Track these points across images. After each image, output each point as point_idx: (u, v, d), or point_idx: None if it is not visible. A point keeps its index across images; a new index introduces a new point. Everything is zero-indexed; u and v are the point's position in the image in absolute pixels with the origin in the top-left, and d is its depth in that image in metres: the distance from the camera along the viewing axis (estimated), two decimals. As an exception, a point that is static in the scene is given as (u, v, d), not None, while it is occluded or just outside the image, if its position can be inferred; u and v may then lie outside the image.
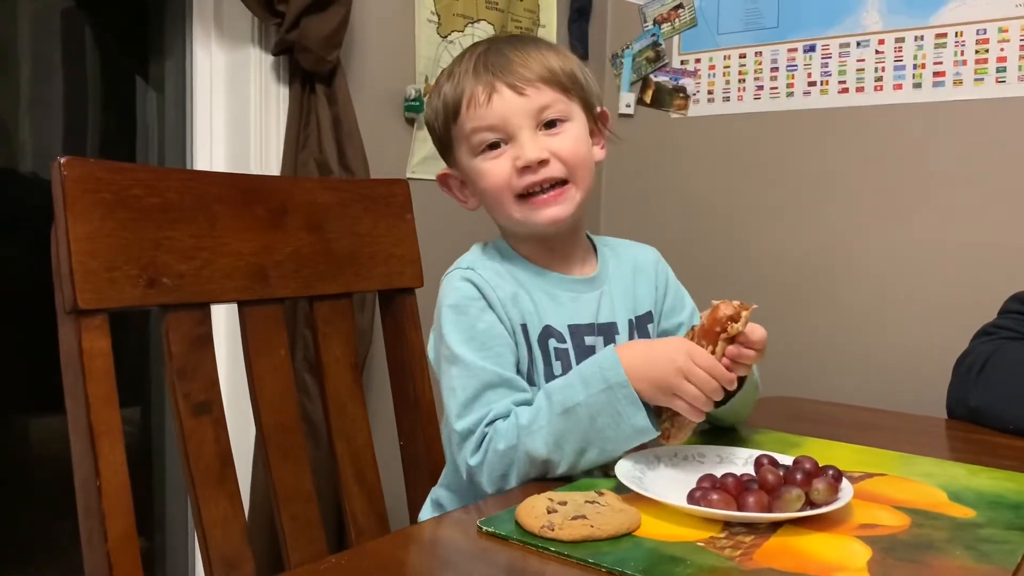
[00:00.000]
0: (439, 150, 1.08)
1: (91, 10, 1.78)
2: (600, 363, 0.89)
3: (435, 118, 1.04)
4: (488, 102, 0.97)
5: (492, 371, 0.93)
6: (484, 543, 0.73)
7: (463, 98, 0.99)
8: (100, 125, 1.79)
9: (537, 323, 0.99)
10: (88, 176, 0.87)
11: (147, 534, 1.81)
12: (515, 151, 0.97)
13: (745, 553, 0.69)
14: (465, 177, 1.04)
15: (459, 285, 0.98)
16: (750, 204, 2.15)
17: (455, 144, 1.03)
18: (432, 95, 1.05)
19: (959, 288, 1.86)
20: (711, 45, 2.21)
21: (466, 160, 1.02)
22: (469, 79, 0.98)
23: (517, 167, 0.97)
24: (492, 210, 1.03)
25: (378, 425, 1.22)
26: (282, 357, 1.04)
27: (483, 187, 1.00)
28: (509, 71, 0.97)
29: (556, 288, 1.02)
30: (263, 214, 1.03)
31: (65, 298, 0.85)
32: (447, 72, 1.03)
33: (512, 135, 0.97)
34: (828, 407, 1.34)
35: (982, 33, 1.82)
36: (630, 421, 0.87)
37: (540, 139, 0.97)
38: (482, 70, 0.98)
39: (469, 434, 0.92)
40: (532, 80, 0.97)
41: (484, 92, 0.97)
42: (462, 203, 1.07)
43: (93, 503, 0.84)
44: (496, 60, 0.98)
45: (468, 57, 1.01)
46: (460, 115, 0.99)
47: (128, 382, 1.80)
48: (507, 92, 0.97)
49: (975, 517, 0.78)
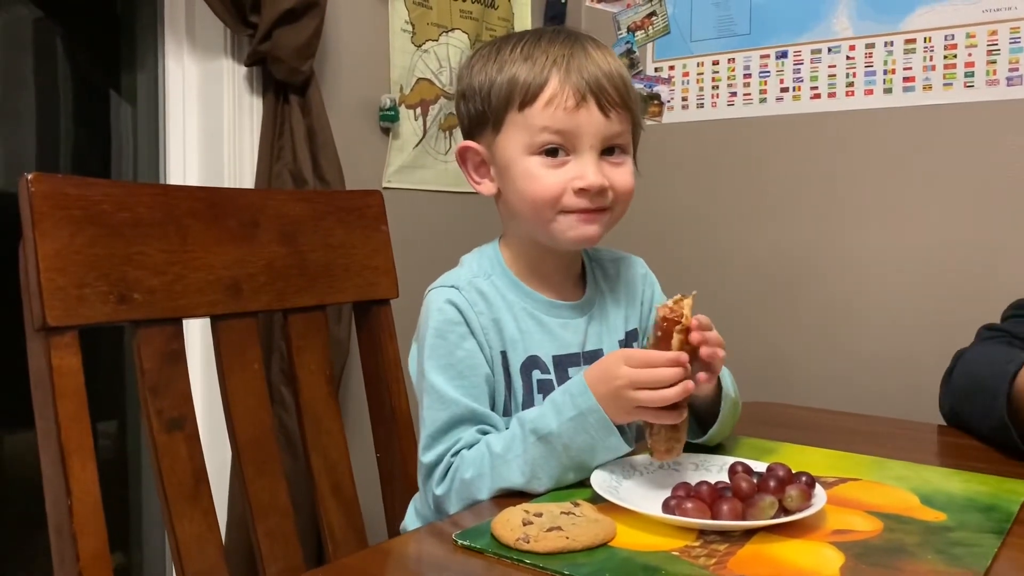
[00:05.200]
0: (468, 122, 1.01)
1: (62, 21, 1.77)
2: (570, 389, 0.88)
3: (486, 91, 0.96)
4: (575, 110, 0.92)
5: (464, 405, 0.92)
6: (460, 556, 0.73)
7: (544, 90, 0.93)
8: (72, 137, 1.77)
9: (521, 352, 0.97)
10: (56, 192, 0.86)
11: (123, 549, 1.79)
12: (577, 169, 0.93)
13: (719, 561, 0.69)
14: (496, 163, 0.98)
15: (443, 307, 0.95)
16: (725, 210, 2.17)
17: (504, 126, 0.96)
18: (485, 63, 0.98)
19: (932, 292, 1.88)
20: (684, 52, 2.23)
21: (513, 150, 0.95)
22: (558, 74, 0.93)
23: (575, 187, 0.93)
24: (519, 213, 0.98)
25: (355, 437, 1.22)
26: (256, 371, 1.03)
27: (526, 190, 0.95)
28: (601, 87, 0.93)
29: (545, 314, 1.00)
30: (235, 227, 1.02)
31: (34, 315, 0.84)
32: (516, 48, 0.96)
33: (578, 150, 0.93)
34: (804, 412, 1.35)
35: (950, 39, 1.85)
36: (604, 444, 0.86)
37: (602, 165, 0.94)
38: (575, 73, 0.93)
39: (435, 466, 0.91)
40: (618, 104, 0.94)
41: (573, 97, 0.92)
42: (473, 183, 1.02)
43: (64, 522, 0.83)
44: (588, 68, 0.93)
45: (546, 43, 0.95)
46: (531, 105, 0.93)
47: (103, 395, 1.79)
48: (595, 108, 0.93)
49: (946, 520, 0.78)
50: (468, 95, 0.99)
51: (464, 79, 1.00)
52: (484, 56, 0.99)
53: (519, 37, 0.98)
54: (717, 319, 0.93)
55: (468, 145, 1.00)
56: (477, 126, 0.99)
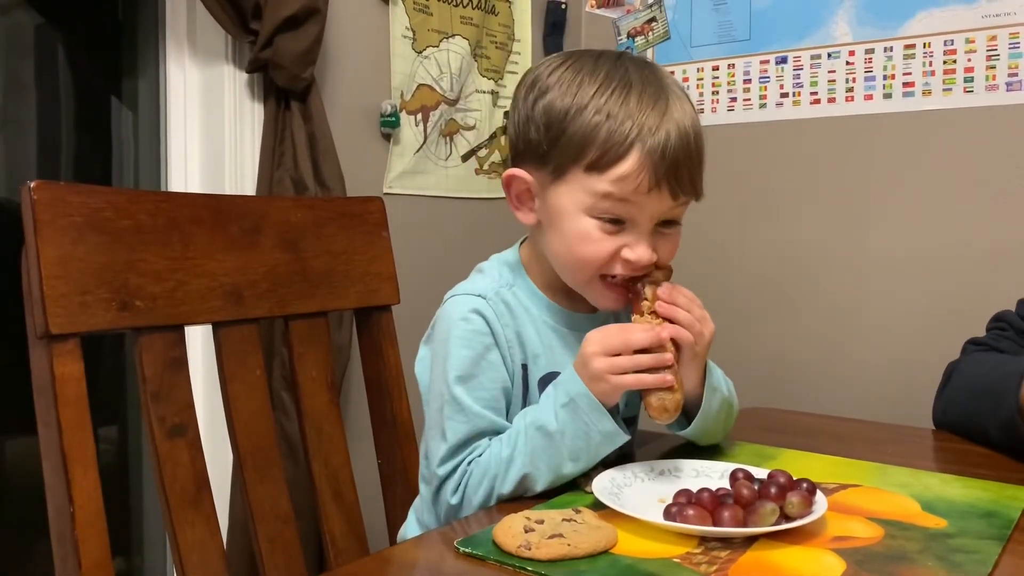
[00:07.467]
0: (524, 146, 0.94)
1: (63, 27, 1.77)
2: (561, 380, 0.90)
3: (556, 131, 0.90)
4: (646, 193, 0.88)
5: (486, 418, 0.91)
6: (462, 563, 0.73)
7: (620, 164, 0.87)
8: (73, 144, 1.78)
9: (543, 366, 0.97)
10: (58, 199, 0.86)
11: (125, 554, 1.79)
12: (628, 240, 0.90)
13: (720, 568, 0.69)
14: (546, 204, 0.93)
15: (469, 316, 0.93)
16: (724, 215, 2.17)
17: (565, 178, 0.91)
18: (559, 92, 0.90)
19: (933, 296, 1.88)
20: (684, 58, 2.23)
21: (570, 205, 0.91)
22: (639, 150, 0.87)
23: (625, 258, 0.90)
24: (557, 258, 0.95)
25: (356, 443, 1.22)
26: (258, 377, 1.04)
27: (576, 250, 0.91)
28: (678, 173, 0.88)
29: (566, 326, 0.99)
30: (237, 234, 1.03)
31: (36, 323, 0.85)
32: (601, 93, 0.88)
33: (634, 223, 0.90)
34: (805, 418, 1.35)
35: (949, 44, 1.85)
36: (597, 427, 0.87)
37: (652, 238, 0.91)
38: (656, 152, 0.87)
39: (449, 477, 0.91)
40: (688, 190, 0.91)
41: (647, 182, 0.87)
42: (514, 209, 0.98)
43: (66, 529, 0.83)
44: (671, 145, 0.88)
45: (635, 102, 0.88)
46: (602, 173, 0.88)
47: (105, 401, 1.79)
48: (667, 194, 0.89)
49: (947, 527, 0.78)
50: (533, 120, 0.92)
51: (533, 98, 0.93)
52: (562, 82, 0.91)
53: (605, 74, 0.90)
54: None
55: (518, 175, 0.95)
56: (533, 157, 0.93)
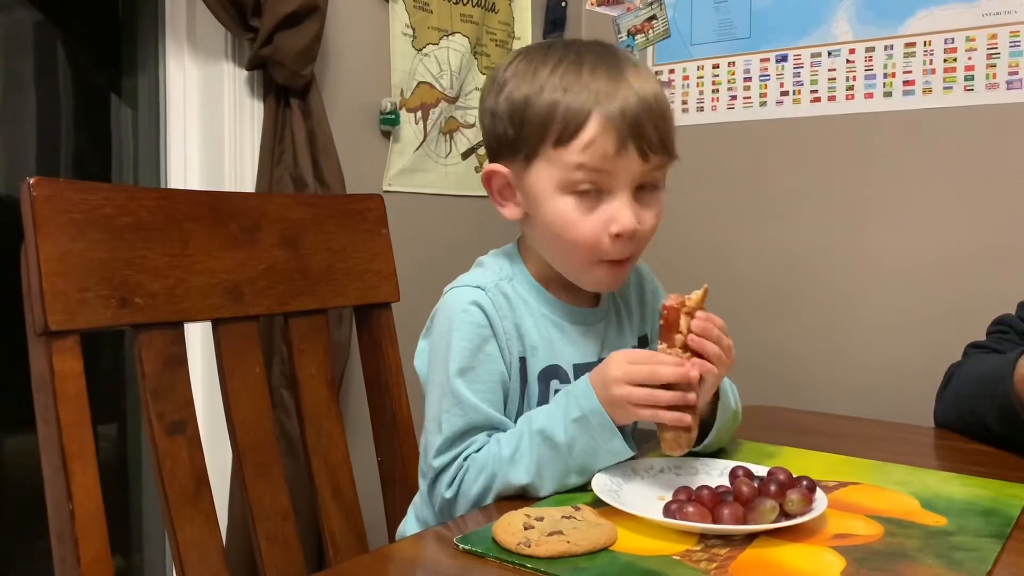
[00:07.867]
0: (496, 143, 0.96)
1: (63, 24, 1.77)
2: (575, 391, 0.89)
3: (519, 118, 0.92)
4: (614, 155, 0.88)
5: (483, 412, 0.91)
6: (461, 560, 0.73)
7: (583, 131, 0.88)
8: (73, 141, 1.77)
9: (541, 359, 0.96)
10: (58, 196, 0.86)
11: (124, 552, 1.79)
12: (610, 213, 0.90)
13: (720, 566, 0.69)
14: (524, 192, 0.95)
15: (469, 308, 0.93)
16: (724, 213, 2.17)
17: (536, 159, 0.92)
18: (519, 83, 0.92)
19: (933, 295, 1.88)
20: (685, 56, 2.23)
21: (545, 185, 0.92)
22: (599, 114, 0.88)
23: (610, 232, 0.90)
24: (547, 248, 0.96)
25: (356, 441, 1.22)
26: (257, 375, 1.04)
27: (561, 234, 0.92)
28: (642, 131, 0.88)
29: (565, 320, 0.99)
30: (236, 231, 1.02)
31: (36, 320, 0.84)
32: (555, 72, 0.90)
33: (612, 191, 0.90)
34: (805, 416, 1.35)
35: (950, 42, 1.85)
36: (606, 446, 0.87)
37: (634, 205, 0.91)
38: (616, 114, 0.88)
39: (445, 470, 0.91)
40: (657, 148, 0.90)
41: (614, 143, 0.88)
42: (498, 206, 0.98)
43: (66, 527, 0.83)
44: (630, 106, 0.88)
45: (588, 74, 0.89)
46: (568, 144, 0.89)
47: (104, 398, 1.79)
48: (634, 153, 0.89)
49: (947, 525, 0.78)
50: (498, 115, 0.95)
51: (494, 95, 0.95)
52: (518, 73, 0.93)
53: (558, 58, 0.92)
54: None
55: (495, 170, 0.96)
56: (506, 149, 0.95)
